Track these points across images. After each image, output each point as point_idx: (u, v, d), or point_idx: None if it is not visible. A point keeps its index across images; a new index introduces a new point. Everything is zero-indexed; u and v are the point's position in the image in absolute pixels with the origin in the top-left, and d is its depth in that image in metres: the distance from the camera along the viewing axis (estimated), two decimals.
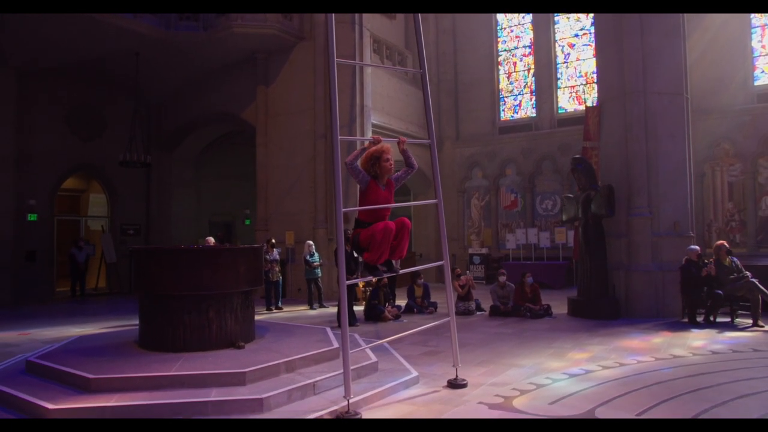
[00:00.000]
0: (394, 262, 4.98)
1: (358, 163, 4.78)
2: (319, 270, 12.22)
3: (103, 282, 15.92)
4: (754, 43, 13.68)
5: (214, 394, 4.68)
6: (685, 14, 10.04)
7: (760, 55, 13.65)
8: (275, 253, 12.04)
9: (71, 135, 15.10)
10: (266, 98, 14.90)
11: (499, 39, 17.99)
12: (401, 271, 5.10)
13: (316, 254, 12.27)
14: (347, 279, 5.08)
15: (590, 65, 15.81)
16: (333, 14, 4.09)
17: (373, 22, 15.25)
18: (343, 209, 4.63)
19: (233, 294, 5.95)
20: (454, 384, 5.51)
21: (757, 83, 13.59)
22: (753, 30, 13.70)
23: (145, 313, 5.96)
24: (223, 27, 13.58)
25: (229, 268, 5.88)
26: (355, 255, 10.04)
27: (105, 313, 11.67)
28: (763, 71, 13.61)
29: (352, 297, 11.52)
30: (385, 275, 4.84)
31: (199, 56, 14.64)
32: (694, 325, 8.65)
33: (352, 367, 4.90)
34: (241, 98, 15.32)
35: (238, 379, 4.93)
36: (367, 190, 4.76)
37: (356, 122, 13.41)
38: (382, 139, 4.85)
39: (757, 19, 13.71)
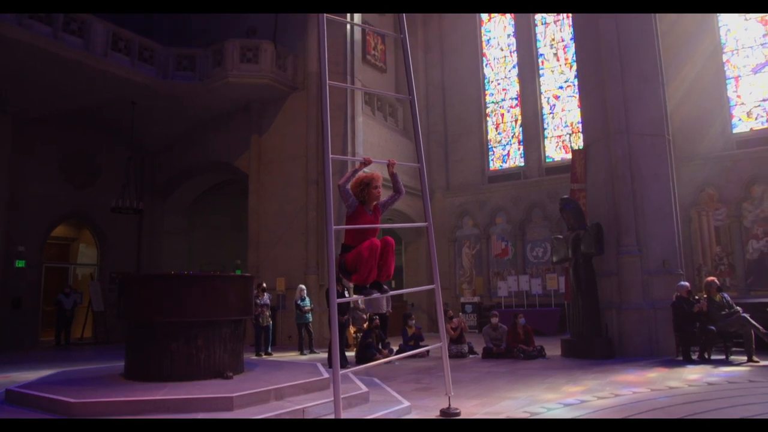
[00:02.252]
0: (383, 284, 4.98)
1: (349, 186, 4.86)
2: (310, 315, 12.09)
3: (89, 332, 15.58)
4: (730, 93, 14.22)
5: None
6: (662, 61, 10.50)
7: (735, 104, 14.16)
8: (266, 298, 11.93)
9: (65, 182, 15.19)
10: (260, 146, 15.17)
11: (486, 91, 18.57)
12: (391, 293, 5.08)
13: (308, 299, 12.17)
14: (338, 308, 5.05)
15: (575, 115, 16.29)
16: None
17: (364, 75, 15.77)
18: (334, 227, 4.66)
19: (223, 322, 5.87)
20: (447, 413, 5.38)
21: (735, 131, 14.03)
22: (727, 80, 14.28)
23: (131, 341, 5.85)
24: (219, 77, 14.00)
25: (219, 295, 5.84)
26: (346, 294, 9.98)
27: (90, 359, 11.36)
28: (740, 119, 14.09)
29: (343, 342, 11.36)
30: (375, 295, 4.82)
31: (194, 106, 14.99)
32: (689, 361, 8.56)
33: (342, 396, 4.80)
34: (235, 147, 15.58)
35: (225, 404, 4.81)
36: (354, 214, 4.82)
37: (347, 169, 13.60)
38: (372, 159, 4.95)
39: (730, 70, 14.33)
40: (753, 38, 14.21)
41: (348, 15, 14.58)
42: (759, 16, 14.15)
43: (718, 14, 14.53)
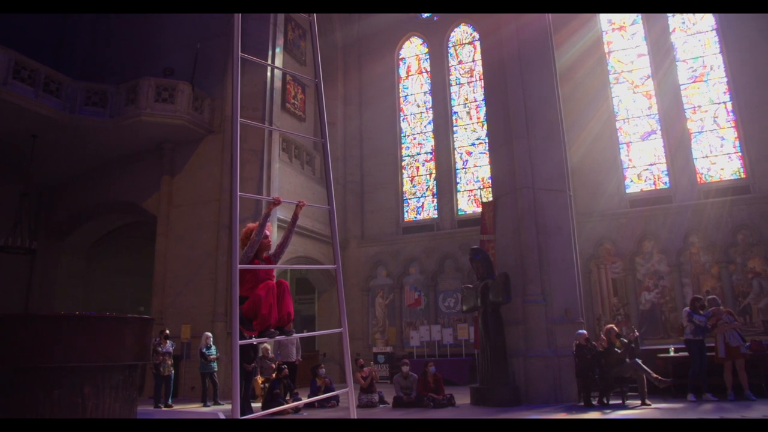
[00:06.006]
0: (286, 328, 4.85)
1: (241, 237, 4.82)
2: (215, 364, 11.50)
3: None
4: (623, 156, 15.56)
5: None
6: (563, 123, 11.34)
7: (628, 167, 15.49)
8: (168, 345, 11.26)
9: None
10: (171, 188, 14.65)
11: (402, 145, 19.15)
12: (297, 335, 4.95)
13: (213, 347, 11.61)
14: (246, 357, 4.82)
15: (486, 171, 17.09)
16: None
17: (283, 123, 15.81)
18: (240, 266, 4.52)
19: (115, 368, 5.41)
20: None
21: (628, 191, 15.29)
22: (620, 145, 15.64)
23: (4, 390, 5.24)
24: (131, 115, 13.52)
25: (112, 338, 5.40)
26: (255, 342, 9.61)
27: None
28: (632, 180, 15.39)
29: (250, 392, 10.85)
30: (280, 337, 4.67)
31: (102, 143, 14.31)
32: (589, 406, 8.89)
33: None
34: (144, 188, 14.94)
35: None
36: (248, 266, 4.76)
37: (262, 215, 13.40)
38: (281, 200, 4.93)
39: (623, 136, 15.73)
40: (640, 109, 15.75)
41: (269, 57, 14.73)
42: (644, 90, 15.76)
43: (611, 85, 16.03)
